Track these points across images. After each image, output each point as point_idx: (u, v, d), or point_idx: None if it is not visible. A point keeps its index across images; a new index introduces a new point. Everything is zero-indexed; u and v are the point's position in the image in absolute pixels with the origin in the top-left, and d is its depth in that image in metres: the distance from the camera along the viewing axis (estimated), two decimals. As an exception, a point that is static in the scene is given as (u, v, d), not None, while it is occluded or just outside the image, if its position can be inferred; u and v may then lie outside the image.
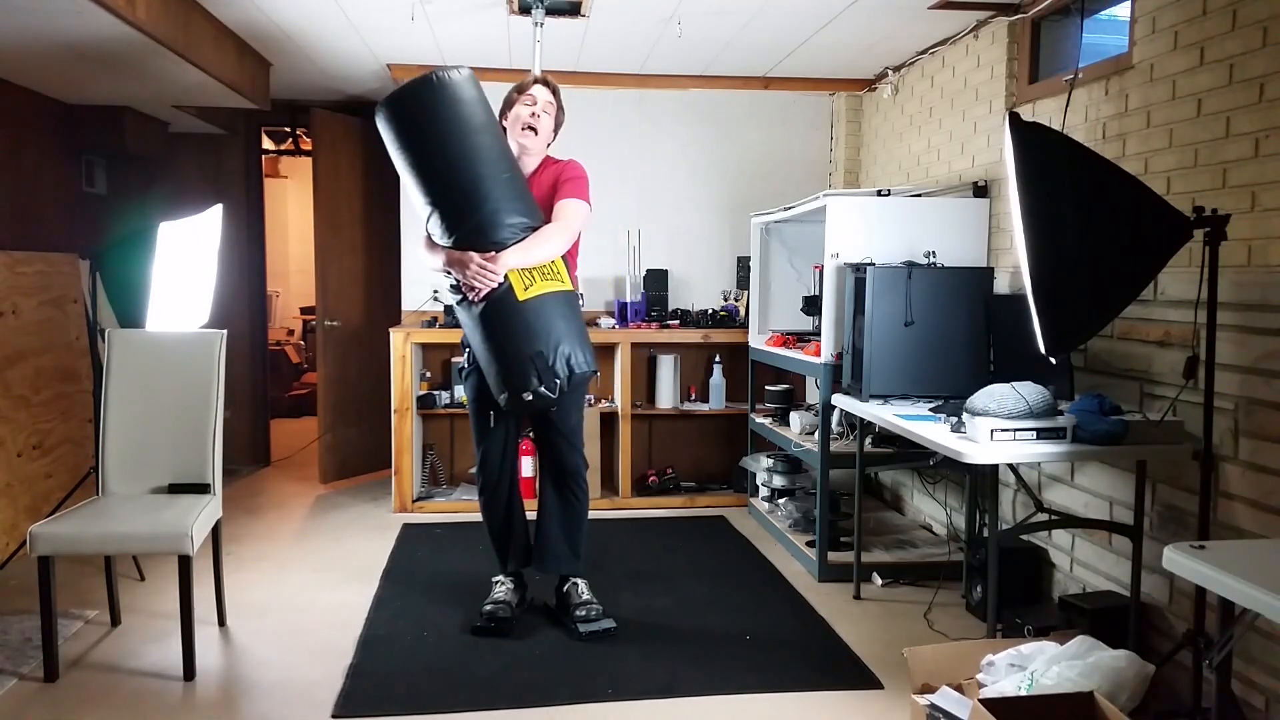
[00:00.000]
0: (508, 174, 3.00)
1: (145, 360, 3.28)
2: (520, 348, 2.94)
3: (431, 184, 2.96)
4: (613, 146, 5.28)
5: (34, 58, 3.92)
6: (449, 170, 2.91)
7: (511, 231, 2.98)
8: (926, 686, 2.47)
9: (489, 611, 3.25)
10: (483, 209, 2.94)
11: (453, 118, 2.89)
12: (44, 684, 2.83)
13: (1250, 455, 2.55)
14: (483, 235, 2.95)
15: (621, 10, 3.95)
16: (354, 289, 5.57)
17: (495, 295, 2.96)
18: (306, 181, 6.58)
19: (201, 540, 2.96)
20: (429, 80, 2.87)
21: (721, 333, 5.05)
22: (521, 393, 2.95)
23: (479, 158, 2.91)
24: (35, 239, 4.59)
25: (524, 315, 2.96)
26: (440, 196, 2.97)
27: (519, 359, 2.94)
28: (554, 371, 2.93)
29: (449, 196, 2.96)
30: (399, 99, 2.91)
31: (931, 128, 4.44)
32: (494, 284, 2.94)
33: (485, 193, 2.94)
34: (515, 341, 2.96)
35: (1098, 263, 2.44)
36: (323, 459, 5.39)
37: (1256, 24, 2.53)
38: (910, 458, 3.88)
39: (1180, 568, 1.82)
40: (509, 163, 3.04)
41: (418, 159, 2.93)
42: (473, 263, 2.93)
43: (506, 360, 2.97)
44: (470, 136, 2.90)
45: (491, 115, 3.03)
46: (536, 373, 2.92)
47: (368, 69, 5.00)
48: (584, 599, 3.30)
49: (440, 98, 2.87)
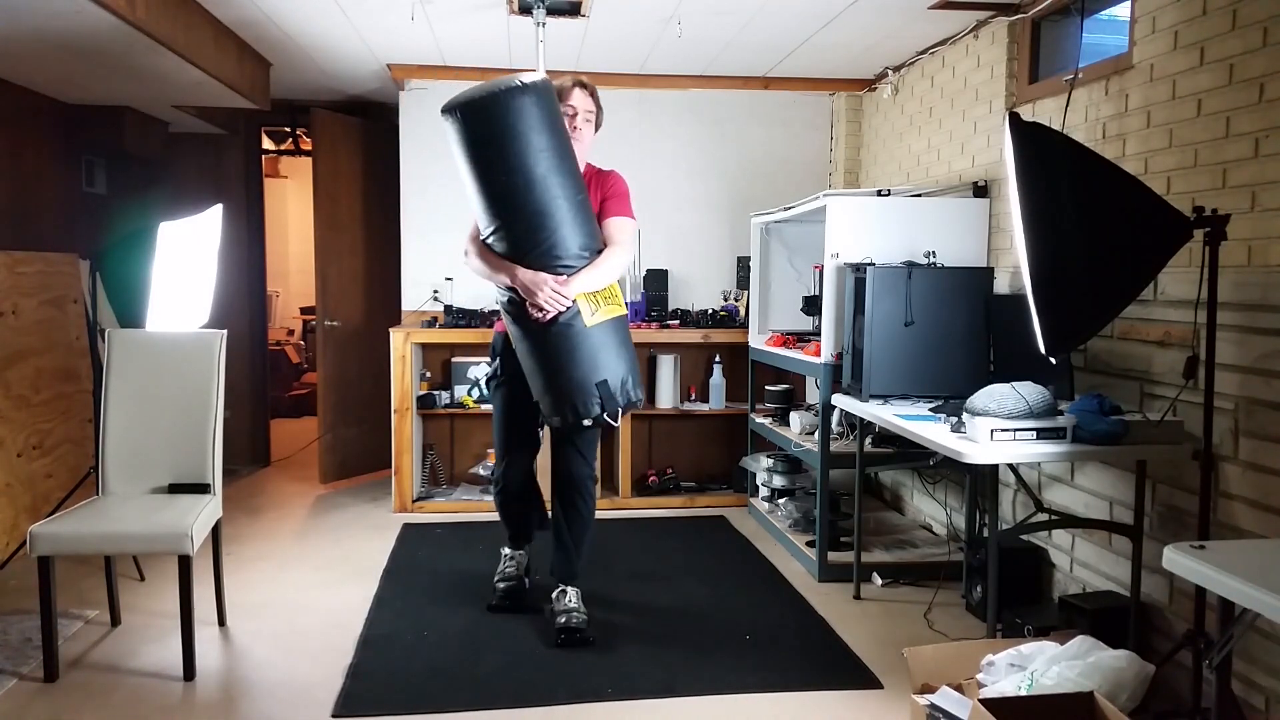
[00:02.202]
0: (581, 196, 2.91)
1: (145, 360, 3.28)
2: (586, 374, 2.90)
3: (502, 204, 2.84)
4: (613, 146, 5.26)
5: (34, 57, 3.92)
6: (523, 193, 2.79)
7: (579, 257, 2.90)
8: (926, 686, 2.47)
9: (504, 588, 3.41)
10: (552, 236, 2.84)
11: (532, 134, 2.73)
12: (44, 684, 2.83)
13: (1250, 455, 2.55)
14: (547, 262, 2.86)
15: (621, 10, 3.95)
16: (354, 289, 5.57)
17: (562, 319, 2.88)
18: (306, 181, 6.58)
19: (201, 540, 2.96)
20: (513, 92, 2.69)
21: (721, 333, 5.05)
22: (582, 419, 2.93)
23: (555, 182, 2.79)
24: (35, 239, 4.59)
25: (590, 342, 2.91)
26: (510, 218, 2.86)
27: (584, 386, 2.90)
28: (616, 400, 2.92)
29: (519, 219, 2.84)
30: (477, 106, 2.72)
31: (931, 128, 4.44)
32: (562, 308, 2.87)
33: (557, 220, 2.83)
34: (581, 368, 2.90)
35: (1098, 263, 2.44)
36: (323, 459, 5.39)
37: (1256, 24, 2.53)
38: (910, 458, 3.87)
39: (1180, 568, 1.82)
40: (581, 184, 2.94)
41: (490, 174, 2.80)
42: (547, 286, 2.85)
43: (570, 385, 2.91)
44: (548, 156, 2.77)
45: (565, 130, 2.91)
46: (600, 400, 2.90)
47: (368, 69, 5.00)
48: (569, 606, 3.26)
49: (522, 110, 2.71)
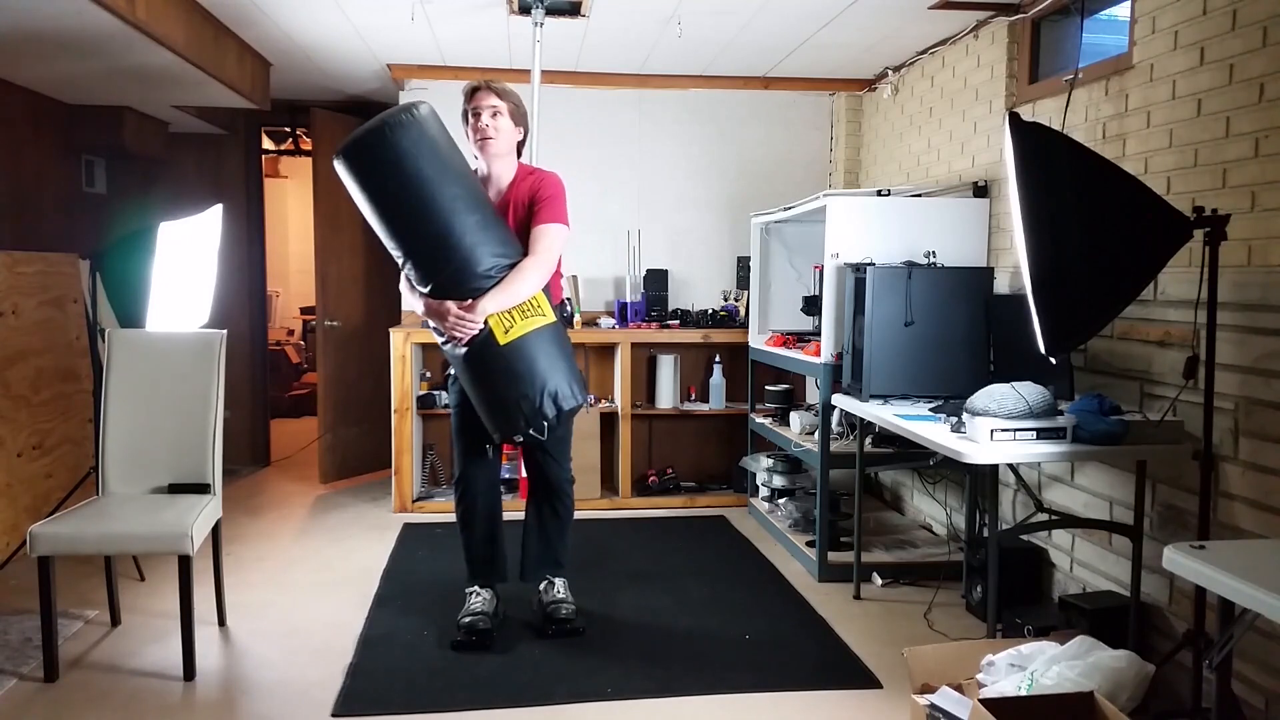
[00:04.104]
0: (478, 215, 2.88)
1: (145, 360, 3.28)
2: (506, 393, 2.90)
3: (400, 235, 2.87)
4: (613, 146, 5.28)
5: (34, 57, 3.92)
6: (416, 221, 2.81)
7: (488, 273, 2.88)
8: (926, 686, 2.47)
9: (468, 624, 3.15)
10: (456, 256, 2.83)
11: (413, 165, 2.74)
12: (44, 684, 2.83)
13: (1250, 455, 2.55)
14: (460, 282, 2.87)
15: (621, 10, 3.95)
16: (354, 289, 5.57)
17: (477, 341, 2.90)
18: (306, 181, 6.58)
19: (201, 540, 2.96)
20: (382, 128, 2.71)
21: (721, 333, 5.05)
22: (512, 434, 2.95)
23: (445, 205, 2.79)
24: (35, 239, 4.59)
25: (506, 359, 2.90)
26: (411, 247, 2.88)
27: (505, 403, 2.90)
28: (541, 413, 2.89)
29: (420, 247, 2.87)
30: (355, 149, 2.75)
31: (931, 128, 4.44)
32: (473, 332, 2.88)
33: (457, 240, 2.83)
34: (500, 386, 2.91)
35: (1098, 263, 2.44)
36: (323, 459, 5.39)
37: (1256, 24, 2.53)
38: (910, 458, 3.88)
39: (1180, 568, 1.82)
40: (478, 201, 2.92)
41: (383, 210, 2.83)
42: (450, 314, 2.87)
43: (494, 404, 2.94)
44: (434, 182, 2.77)
45: (455, 150, 2.91)
46: (524, 416, 2.89)
47: (368, 69, 5.00)
48: (558, 597, 3.27)
49: (398, 145, 2.71)
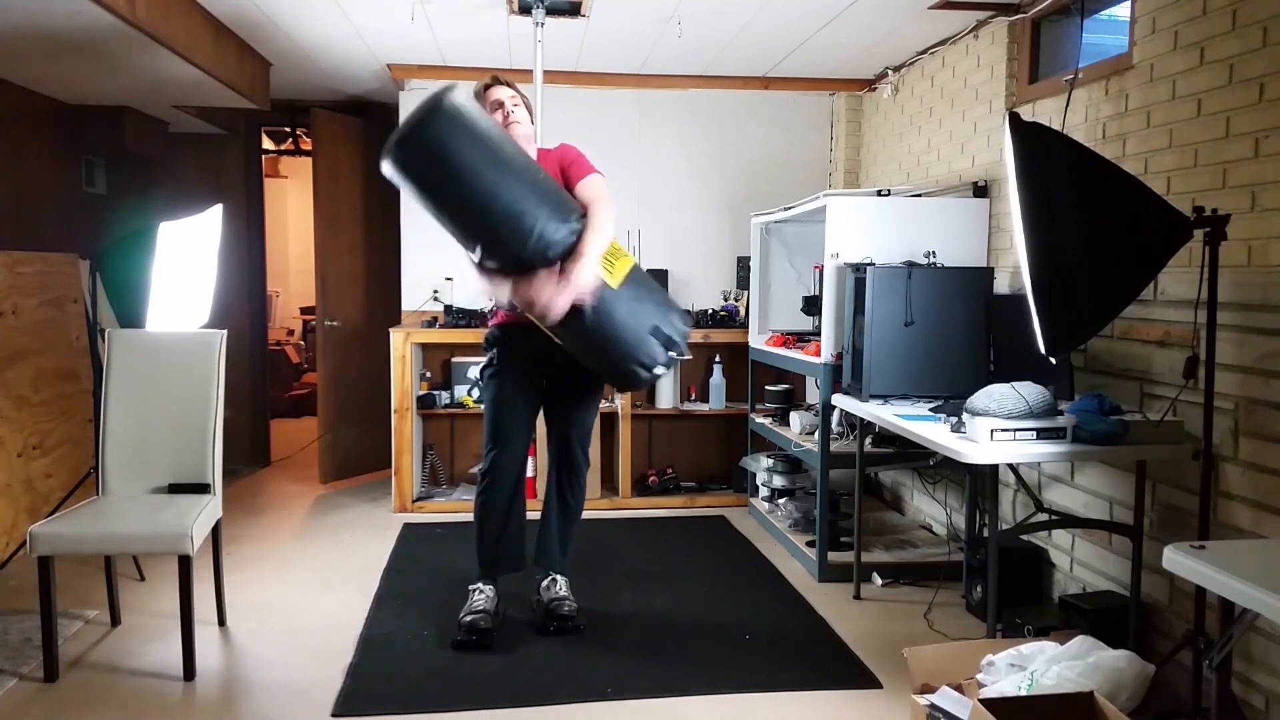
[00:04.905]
0: (541, 175, 2.82)
1: (145, 360, 3.28)
2: (638, 330, 2.89)
3: (472, 223, 2.73)
4: (613, 146, 5.27)
5: (34, 57, 3.92)
6: (488, 203, 2.65)
7: (566, 236, 2.80)
8: (926, 686, 2.47)
9: (469, 623, 3.12)
10: (537, 223, 2.72)
11: (472, 145, 2.61)
12: (44, 684, 2.83)
13: (1250, 455, 2.55)
14: (544, 247, 2.76)
15: (621, 10, 3.95)
16: (354, 289, 5.57)
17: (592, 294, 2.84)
18: (306, 181, 6.58)
19: (201, 540, 2.96)
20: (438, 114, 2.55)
21: (721, 333, 5.05)
22: (652, 369, 2.93)
23: (511, 177, 2.67)
24: (35, 239, 4.59)
25: (625, 300, 2.89)
26: (486, 233, 2.73)
27: (640, 340, 2.89)
28: (681, 333, 2.95)
29: (496, 231, 2.71)
30: (410, 143, 2.58)
31: (931, 128, 4.44)
32: (592, 286, 2.79)
33: (533, 211, 2.72)
34: (630, 327, 2.89)
35: (1098, 263, 2.44)
36: (323, 459, 5.39)
37: (1256, 24, 2.53)
38: (910, 458, 3.88)
39: (1180, 568, 1.82)
40: (533, 165, 2.84)
41: (449, 201, 2.69)
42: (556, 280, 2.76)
43: (628, 346, 2.90)
44: (495, 157, 2.65)
45: (495, 124, 2.82)
46: (664, 341, 2.90)
47: (368, 69, 5.00)
48: (559, 594, 3.30)
49: (454, 129, 2.58)
